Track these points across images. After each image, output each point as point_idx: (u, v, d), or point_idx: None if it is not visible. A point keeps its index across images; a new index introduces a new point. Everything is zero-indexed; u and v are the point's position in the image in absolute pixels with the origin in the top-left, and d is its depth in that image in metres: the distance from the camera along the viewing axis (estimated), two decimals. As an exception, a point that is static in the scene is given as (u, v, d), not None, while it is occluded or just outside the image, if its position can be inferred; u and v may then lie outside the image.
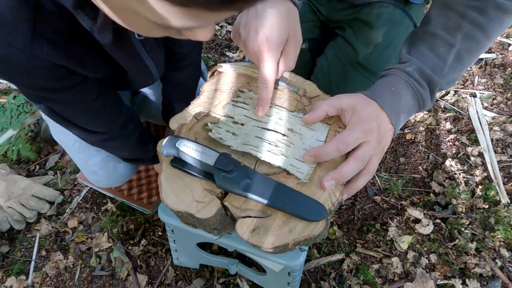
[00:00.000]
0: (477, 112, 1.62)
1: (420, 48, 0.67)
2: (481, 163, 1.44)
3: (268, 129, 0.75)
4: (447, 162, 1.44)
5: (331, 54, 1.11)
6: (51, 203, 1.28)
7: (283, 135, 0.74)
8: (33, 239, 1.19)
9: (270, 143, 0.72)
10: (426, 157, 1.49)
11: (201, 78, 1.28)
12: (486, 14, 0.61)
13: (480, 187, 1.36)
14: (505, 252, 1.17)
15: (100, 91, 0.74)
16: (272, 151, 0.71)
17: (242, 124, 0.75)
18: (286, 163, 0.70)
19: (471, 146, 1.50)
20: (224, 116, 0.77)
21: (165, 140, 0.65)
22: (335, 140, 0.63)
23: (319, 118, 0.70)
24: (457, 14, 0.63)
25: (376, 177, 1.40)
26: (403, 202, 1.31)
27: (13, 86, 1.70)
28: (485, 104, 1.68)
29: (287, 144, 0.72)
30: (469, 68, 1.86)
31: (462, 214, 1.27)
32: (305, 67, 1.15)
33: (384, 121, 0.64)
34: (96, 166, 0.98)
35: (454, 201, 1.31)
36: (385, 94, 0.65)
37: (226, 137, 0.73)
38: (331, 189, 0.66)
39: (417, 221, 1.25)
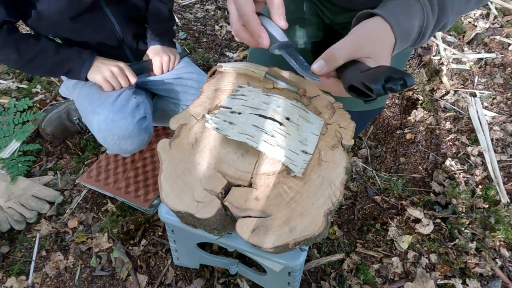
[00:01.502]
0: (477, 111, 1.62)
1: None
2: (481, 162, 1.44)
3: (266, 117, 0.75)
4: (447, 162, 1.45)
5: None
6: (51, 203, 1.28)
7: (280, 123, 0.74)
8: (33, 239, 1.19)
9: (266, 133, 0.72)
10: (426, 157, 1.49)
11: (201, 79, 1.29)
12: None
13: (480, 186, 1.36)
14: (505, 252, 1.17)
15: None
16: (268, 141, 0.71)
17: (239, 113, 0.75)
18: (281, 155, 0.70)
19: (471, 146, 1.50)
20: (222, 107, 0.78)
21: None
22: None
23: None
24: None
25: (376, 177, 1.40)
26: (403, 202, 1.31)
27: (13, 87, 1.70)
28: (485, 104, 1.68)
29: (284, 134, 0.73)
30: (469, 68, 1.86)
31: (462, 214, 1.27)
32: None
33: (385, 34, 0.58)
34: (100, 123, 1.06)
35: (454, 201, 1.31)
36: (398, 15, 0.60)
37: (223, 126, 0.73)
38: (331, 188, 0.66)
39: (417, 221, 1.25)
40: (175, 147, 0.72)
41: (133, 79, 1.12)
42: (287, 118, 0.75)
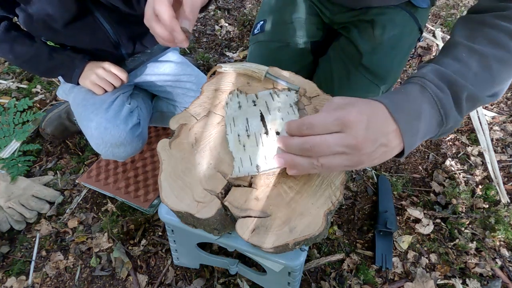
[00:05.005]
0: (477, 111, 1.62)
1: (438, 57, 0.59)
2: (481, 162, 1.44)
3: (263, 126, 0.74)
4: (447, 162, 1.45)
5: (334, 54, 1.10)
6: (51, 203, 1.28)
7: (278, 134, 0.74)
8: (33, 239, 1.19)
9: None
10: (426, 157, 1.49)
11: (201, 79, 1.29)
12: None
13: (480, 186, 1.36)
14: (505, 252, 1.17)
15: None
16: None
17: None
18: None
19: (471, 146, 1.50)
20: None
21: None
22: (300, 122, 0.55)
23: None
24: (481, 24, 0.58)
25: (376, 177, 1.40)
26: (403, 202, 1.31)
27: (13, 87, 1.70)
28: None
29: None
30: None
31: (462, 214, 1.27)
32: (307, 69, 1.15)
33: (384, 121, 0.52)
34: (92, 129, 1.05)
35: (454, 201, 1.31)
36: (393, 96, 0.55)
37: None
38: (331, 188, 0.66)
39: (417, 221, 1.25)
40: (175, 147, 0.72)
41: (122, 75, 1.09)
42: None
